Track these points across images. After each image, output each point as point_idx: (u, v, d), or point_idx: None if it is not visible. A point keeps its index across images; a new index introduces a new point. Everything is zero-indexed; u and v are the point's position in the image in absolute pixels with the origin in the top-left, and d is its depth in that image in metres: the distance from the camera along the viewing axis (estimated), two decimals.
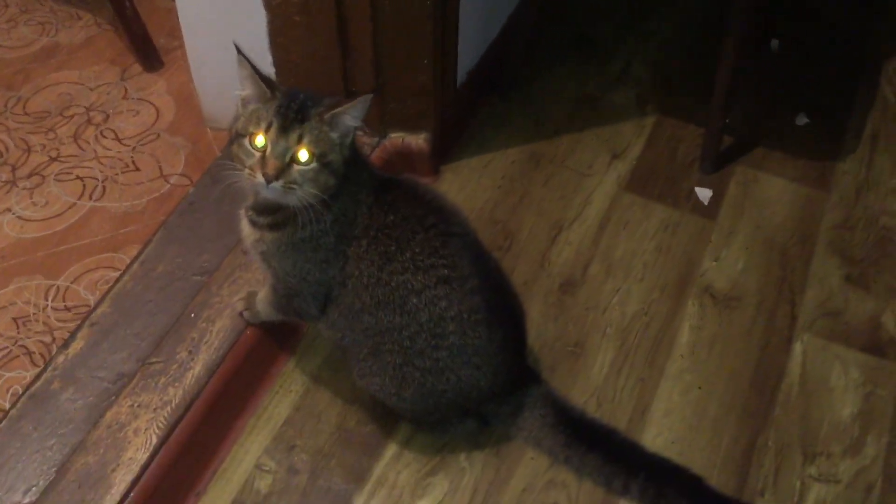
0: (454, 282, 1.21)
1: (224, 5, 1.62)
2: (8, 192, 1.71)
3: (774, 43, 2.12)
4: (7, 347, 1.46)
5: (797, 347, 1.54)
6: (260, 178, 1.11)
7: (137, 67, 1.98)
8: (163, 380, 1.36)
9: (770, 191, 1.80)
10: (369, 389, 1.33)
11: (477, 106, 1.95)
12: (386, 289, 1.21)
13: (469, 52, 1.82)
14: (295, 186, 1.12)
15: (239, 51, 1.15)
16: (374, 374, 1.29)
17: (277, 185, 1.11)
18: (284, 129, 1.11)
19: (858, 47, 2.15)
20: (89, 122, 1.86)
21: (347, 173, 1.17)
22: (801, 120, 1.95)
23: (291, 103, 1.12)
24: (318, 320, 1.31)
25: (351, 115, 1.13)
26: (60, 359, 1.39)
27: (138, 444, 1.29)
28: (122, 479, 1.26)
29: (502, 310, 1.30)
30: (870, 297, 1.62)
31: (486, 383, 1.30)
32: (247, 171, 1.13)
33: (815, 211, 1.77)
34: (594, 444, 1.34)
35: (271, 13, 1.59)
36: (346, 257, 1.22)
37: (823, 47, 2.15)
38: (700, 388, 1.48)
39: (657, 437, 1.42)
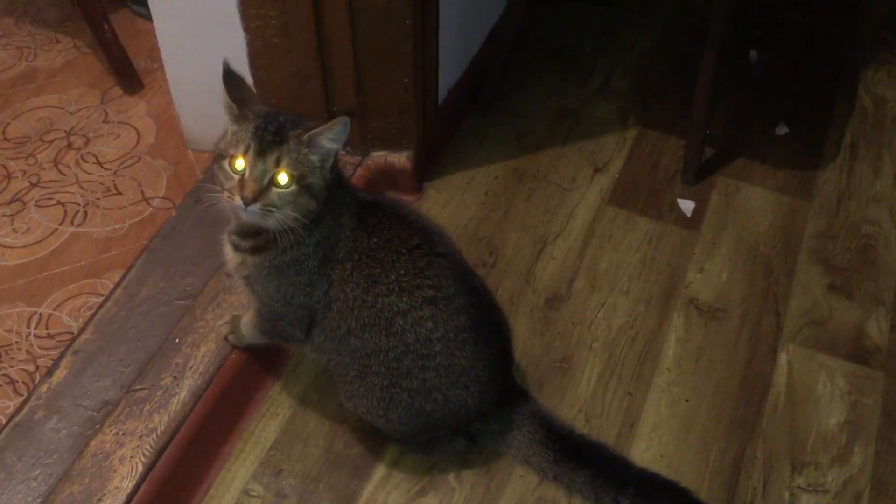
0: (440, 302, 1.21)
1: (203, 27, 1.62)
2: None
3: (753, 53, 2.14)
4: None
5: (783, 357, 1.55)
6: (238, 201, 1.11)
7: (117, 90, 1.98)
8: (148, 407, 1.35)
9: (752, 201, 1.81)
10: (357, 411, 1.32)
11: (458, 122, 1.96)
12: (371, 311, 1.21)
13: (449, 68, 1.83)
14: (273, 209, 1.12)
15: (226, 72, 1.14)
16: (361, 396, 1.28)
17: (255, 207, 1.11)
18: (262, 152, 1.11)
19: (836, 56, 2.17)
20: (70, 146, 1.85)
21: (330, 197, 1.17)
22: (781, 130, 1.97)
23: (269, 125, 1.12)
24: (303, 344, 1.30)
25: (328, 137, 1.13)
26: (44, 387, 1.38)
27: (124, 472, 1.28)
28: None
29: (488, 328, 1.30)
30: (854, 306, 1.63)
31: (474, 402, 1.30)
32: (226, 193, 1.13)
33: (798, 220, 1.78)
34: (583, 460, 1.33)
35: (251, 35, 1.59)
36: (330, 280, 1.21)
37: (802, 57, 2.17)
38: (687, 400, 1.49)
39: (646, 452, 1.42)
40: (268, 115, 1.14)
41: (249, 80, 1.67)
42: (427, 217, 1.29)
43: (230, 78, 1.18)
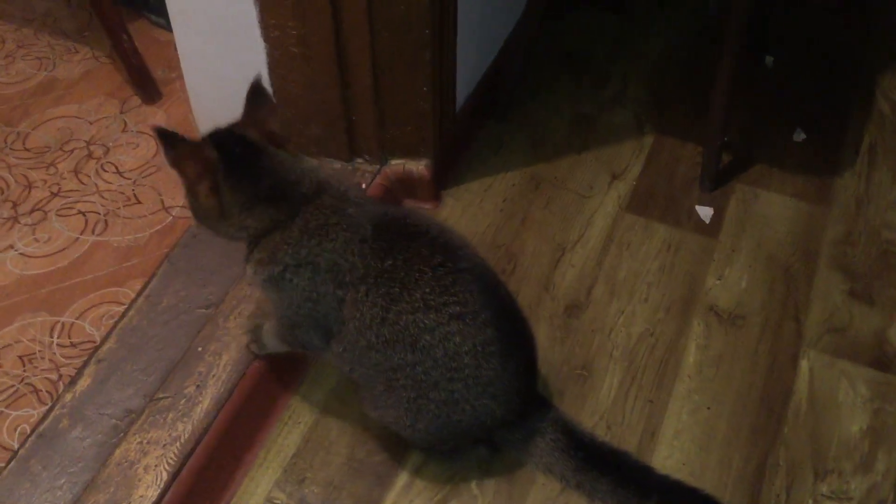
0: (467, 317, 1.21)
1: (222, 37, 1.63)
2: (10, 228, 1.71)
3: (769, 59, 2.14)
4: (14, 386, 1.46)
5: (804, 364, 1.55)
6: None
7: (136, 100, 1.99)
8: (171, 415, 1.36)
9: (770, 207, 1.81)
10: (383, 422, 1.33)
11: (475, 130, 1.96)
12: (394, 328, 1.21)
13: (466, 76, 1.83)
14: None
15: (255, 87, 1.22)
16: (388, 407, 1.29)
17: None
18: None
19: (853, 61, 2.17)
20: (90, 156, 1.86)
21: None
22: (799, 136, 1.97)
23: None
24: (323, 351, 1.31)
25: None
26: (68, 396, 1.39)
27: (148, 481, 1.29)
28: None
29: (515, 338, 1.30)
30: (874, 312, 1.63)
31: (500, 411, 1.30)
32: None
33: (817, 227, 1.78)
34: (605, 468, 1.33)
35: (270, 45, 1.60)
36: (339, 299, 1.22)
37: (817, 63, 2.16)
38: (709, 408, 1.48)
39: (668, 459, 1.42)
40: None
41: (269, 89, 1.68)
42: (449, 229, 1.29)
43: (257, 93, 1.22)
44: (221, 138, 1.18)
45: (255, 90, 1.23)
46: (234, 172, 1.17)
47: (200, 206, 1.20)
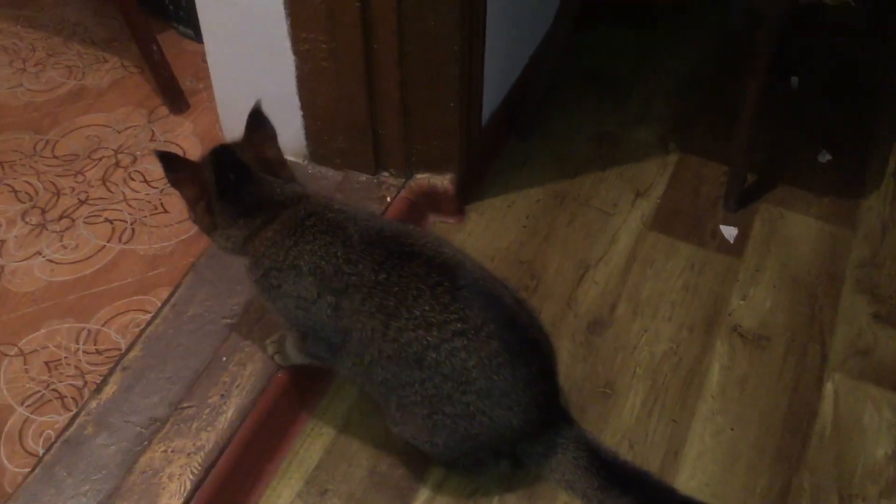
0: (469, 332, 1.22)
1: (253, 49, 1.64)
2: (38, 235, 1.73)
3: (794, 80, 2.13)
4: (39, 391, 1.47)
5: (828, 387, 1.54)
6: None
7: (164, 109, 2.01)
8: (196, 424, 1.36)
9: (795, 229, 1.81)
10: (403, 437, 1.33)
11: (499, 146, 1.97)
12: (395, 345, 1.22)
13: (492, 92, 1.84)
14: None
15: (255, 113, 1.28)
16: (405, 423, 1.29)
17: None
18: None
19: (879, 83, 2.16)
20: (117, 164, 1.88)
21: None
22: (824, 157, 1.96)
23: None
24: (332, 364, 1.33)
25: None
26: (93, 403, 1.39)
27: (172, 490, 1.29)
28: None
29: (525, 347, 1.29)
30: None
31: (518, 422, 1.29)
32: None
33: (841, 249, 1.77)
34: (628, 487, 1.32)
35: (300, 58, 1.62)
36: (335, 307, 1.23)
37: (844, 83, 2.16)
38: (732, 429, 1.48)
39: (690, 480, 1.42)
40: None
41: (296, 101, 1.70)
42: (447, 245, 1.29)
43: (256, 119, 1.28)
44: (220, 161, 1.24)
45: (255, 116, 1.29)
46: (226, 195, 1.25)
47: (197, 219, 1.31)
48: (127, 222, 1.75)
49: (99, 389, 1.42)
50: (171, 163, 1.25)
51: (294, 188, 1.29)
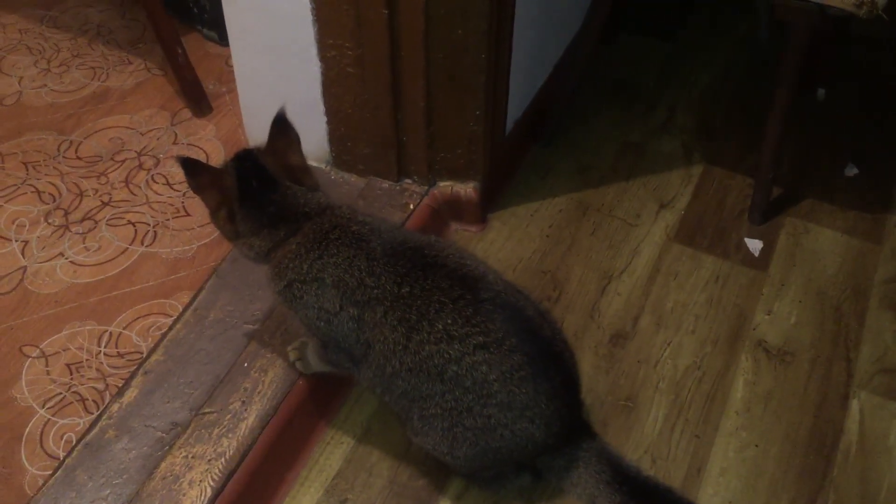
0: (491, 346, 1.21)
1: (279, 55, 1.64)
2: (61, 236, 1.73)
3: (821, 92, 2.11)
4: (61, 394, 1.47)
5: (854, 405, 1.52)
6: None
7: (187, 112, 2.01)
8: (216, 430, 1.36)
9: (821, 243, 1.79)
10: (424, 447, 1.32)
11: (522, 155, 1.96)
12: (416, 357, 1.21)
13: (516, 100, 1.83)
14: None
15: (279, 118, 1.26)
16: (426, 435, 1.28)
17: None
18: None
19: None
20: (140, 166, 1.88)
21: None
22: (851, 170, 1.94)
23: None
24: (353, 373, 1.32)
25: None
26: (115, 407, 1.39)
27: (193, 496, 1.29)
28: None
29: (548, 360, 1.28)
30: None
31: (540, 434, 1.28)
32: None
33: (868, 264, 1.75)
34: (650, 503, 1.31)
35: (325, 64, 1.61)
36: (358, 320, 1.22)
37: (871, 96, 2.14)
38: (756, 445, 1.46)
39: (713, 497, 1.40)
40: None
41: (321, 107, 1.69)
42: (469, 257, 1.28)
43: (281, 125, 1.26)
44: (243, 167, 1.24)
45: (280, 122, 1.27)
46: (248, 202, 1.24)
47: (219, 226, 1.29)
48: (149, 225, 1.76)
49: (121, 393, 1.41)
50: (193, 168, 1.24)
51: (318, 197, 1.28)
